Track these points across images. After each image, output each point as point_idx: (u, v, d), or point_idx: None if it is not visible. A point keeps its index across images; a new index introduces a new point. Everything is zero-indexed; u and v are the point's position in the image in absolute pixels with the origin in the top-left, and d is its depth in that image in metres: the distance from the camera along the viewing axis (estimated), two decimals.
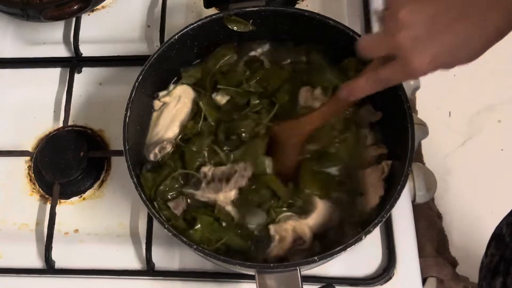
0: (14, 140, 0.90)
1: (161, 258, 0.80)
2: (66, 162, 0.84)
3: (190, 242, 0.65)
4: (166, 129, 0.78)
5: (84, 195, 0.86)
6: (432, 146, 0.96)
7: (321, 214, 0.72)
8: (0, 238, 0.84)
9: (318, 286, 0.66)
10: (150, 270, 0.79)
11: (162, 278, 0.79)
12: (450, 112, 1.11)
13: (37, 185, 0.88)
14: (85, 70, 0.94)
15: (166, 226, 0.67)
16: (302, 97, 0.78)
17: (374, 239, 0.79)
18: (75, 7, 0.89)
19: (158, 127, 0.78)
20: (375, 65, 0.61)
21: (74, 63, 0.93)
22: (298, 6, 0.95)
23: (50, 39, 0.98)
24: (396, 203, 0.65)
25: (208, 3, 0.88)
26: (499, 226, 0.70)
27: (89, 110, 0.91)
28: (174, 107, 0.79)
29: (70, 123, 0.90)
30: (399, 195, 0.65)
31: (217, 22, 0.78)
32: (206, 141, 0.76)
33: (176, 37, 0.76)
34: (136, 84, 0.74)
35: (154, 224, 0.80)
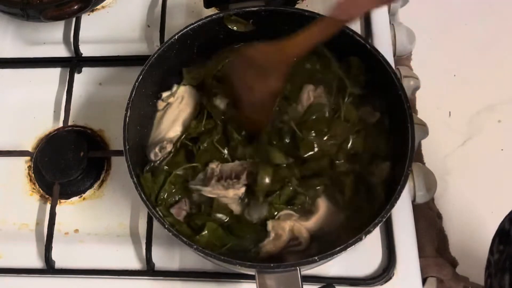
0: (14, 140, 0.90)
1: (161, 258, 0.80)
2: (66, 162, 0.84)
3: (190, 242, 0.65)
4: (169, 129, 0.78)
5: (84, 195, 0.86)
6: (432, 146, 0.96)
7: (322, 217, 0.72)
8: (0, 238, 0.84)
9: (318, 286, 0.66)
10: (150, 270, 0.79)
11: (162, 278, 0.79)
12: (450, 112, 1.11)
13: (37, 185, 0.88)
14: (85, 70, 0.94)
15: (166, 226, 0.67)
16: (304, 97, 0.78)
17: (374, 239, 0.79)
18: (75, 7, 0.89)
19: (161, 127, 0.78)
20: None
21: (74, 63, 0.93)
22: (298, 6, 0.95)
23: (50, 39, 0.98)
24: (396, 203, 0.65)
25: (208, 3, 0.88)
26: (503, 222, 0.70)
27: (89, 110, 0.92)
28: (177, 107, 0.79)
29: (70, 123, 0.90)
30: (399, 195, 0.65)
31: (217, 22, 0.78)
32: (214, 139, 0.75)
33: (176, 37, 0.77)
34: (136, 84, 0.74)
35: (154, 224, 0.80)
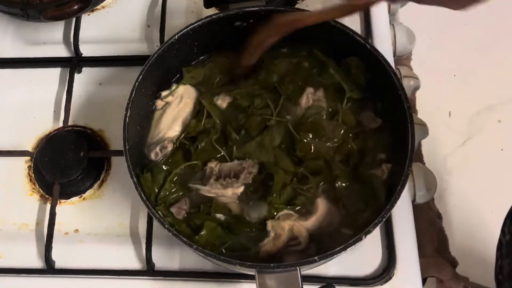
0: (14, 140, 0.90)
1: (161, 258, 0.80)
2: (66, 162, 0.84)
3: (190, 242, 0.65)
4: (168, 128, 0.78)
5: (84, 195, 0.86)
6: (432, 146, 0.96)
7: (321, 217, 0.72)
8: (0, 238, 0.84)
9: (318, 286, 0.66)
10: (150, 270, 0.79)
11: (162, 278, 0.79)
12: (450, 112, 1.11)
13: (37, 185, 0.88)
14: (85, 70, 0.94)
15: (166, 226, 0.67)
16: (303, 99, 0.77)
17: (374, 239, 0.79)
18: (75, 7, 0.89)
19: (160, 127, 0.78)
20: None
21: (74, 63, 0.93)
22: (298, 6, 0.95)
23: (50, 39, 0.98)
24: (396, 203, 0.65)
25: (208, 3, 0.88)
26: None
27: (89, 110, 0.91)
28: (176, 107, 0.79)
29: (70, 123, 0.90)
30: (399, 195, 0.65)
31: (217, 22, 0.78)
32: (212, 138, 0.75)
33: (176, 37, 0.77)
34: (136, 84, 0.74)
35: (154, 224, 0.80)
